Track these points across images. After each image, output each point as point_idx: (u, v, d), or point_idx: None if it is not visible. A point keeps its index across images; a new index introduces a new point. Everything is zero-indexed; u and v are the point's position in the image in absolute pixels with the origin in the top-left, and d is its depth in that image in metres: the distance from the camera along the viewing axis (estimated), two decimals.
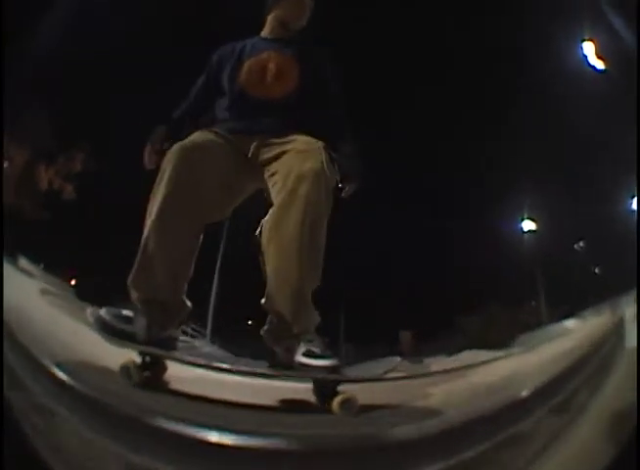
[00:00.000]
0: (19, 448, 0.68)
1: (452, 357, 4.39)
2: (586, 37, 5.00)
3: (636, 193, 3.08)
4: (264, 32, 1.87)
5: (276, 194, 1.44)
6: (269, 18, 1.87)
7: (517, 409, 1.00)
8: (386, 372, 1.40)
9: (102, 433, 0.76)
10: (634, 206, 4.20)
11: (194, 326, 7.21)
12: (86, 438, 0.77)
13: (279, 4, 1.84)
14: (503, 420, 0.96)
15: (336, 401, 1.24)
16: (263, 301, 1.46)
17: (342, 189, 1.57)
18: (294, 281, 1.38)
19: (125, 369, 1.27)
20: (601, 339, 1.43)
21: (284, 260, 1.38)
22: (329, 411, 1.23)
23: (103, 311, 1.40)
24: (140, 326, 1.35)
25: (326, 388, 1.32)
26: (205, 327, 8.13)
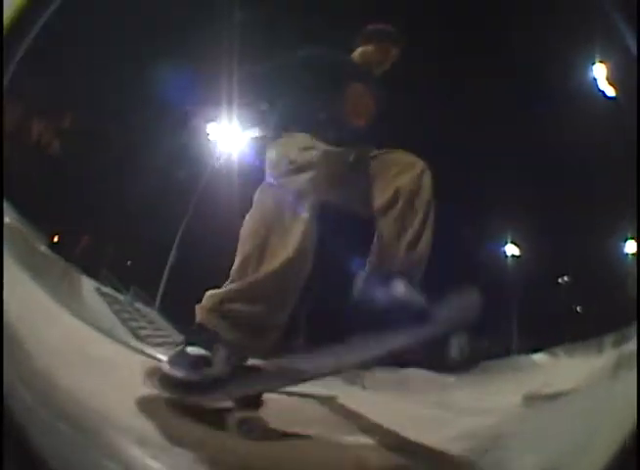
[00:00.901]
0: (19, 448, 0.61)
1: (398, 372, 4.20)
2: (597, 59, 4.73)
3: (636, 235, 3.07)
4: (355, 55, 2.03)
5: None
6: (360, 48, 2.01)
7: None
8: None
9: None
10: (627, 249, 4.22)
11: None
12: None
13: (366, 43, 1.99)
14: None
15: None
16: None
17: None
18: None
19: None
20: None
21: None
22: None
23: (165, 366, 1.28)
24: (219, 358, 1.23)
25: None
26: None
